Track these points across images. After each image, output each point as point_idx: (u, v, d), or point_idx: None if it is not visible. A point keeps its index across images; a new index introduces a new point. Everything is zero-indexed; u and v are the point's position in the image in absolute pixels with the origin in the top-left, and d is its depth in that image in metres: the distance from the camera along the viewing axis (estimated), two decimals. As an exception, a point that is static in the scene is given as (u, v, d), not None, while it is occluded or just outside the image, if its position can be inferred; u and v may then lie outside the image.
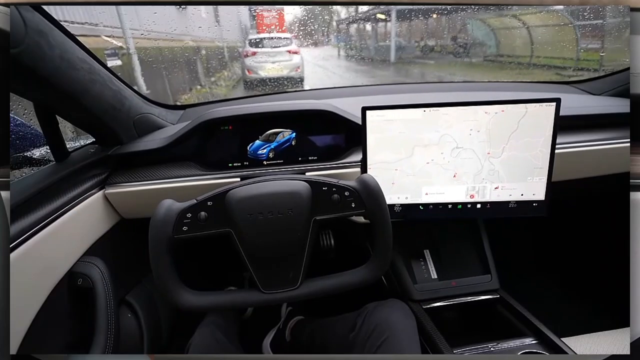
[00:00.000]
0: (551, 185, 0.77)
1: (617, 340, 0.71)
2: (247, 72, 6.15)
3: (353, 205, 0.60)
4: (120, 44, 4.04)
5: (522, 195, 0.79)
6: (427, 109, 0.75)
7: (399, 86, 1.27)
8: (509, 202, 0.79)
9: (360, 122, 0.77)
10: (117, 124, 0.80)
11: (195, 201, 0.59)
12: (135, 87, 0.91)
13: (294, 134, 0.86)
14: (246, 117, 0.82)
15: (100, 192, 0.78)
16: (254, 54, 6.16)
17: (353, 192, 0.60)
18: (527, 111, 0.73)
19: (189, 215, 0.57)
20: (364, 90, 1.26)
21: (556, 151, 0.75)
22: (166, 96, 4.99)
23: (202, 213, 0.58)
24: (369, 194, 0.60)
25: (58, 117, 0.73)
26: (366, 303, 0.80)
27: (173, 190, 0.81)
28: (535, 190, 0.78)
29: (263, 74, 6.16)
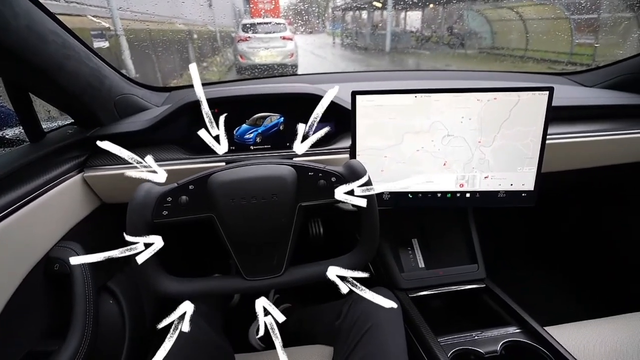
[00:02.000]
0: (541, 176, 0.76)
1: (598, 330, 0.72)
2: (239, 58, 6.04)
3: None
4: (107, 25, 3.90)
5: (511, 185, 0.78)
6: (418, 95, 0.73)
7: (391, 73, 1.25)
8: (498, 191, 0.79)
9: (350, 108, 0.75)
10: (96, 104, 0.77)
11: (176, 184, 0.56)
12: (123, 71, 0.87)
13: (282, 118, 0.83)
14: (232, 99, 0.79)
15: (79, 175, 0.75)
16: (247, 39, 6.04)
17: (340, 178, 0.58)
18: (520, 99, 0.72)
19: (169, 199, 0.55)
20: (356, 76, 1.24)
21: (547, 142, 0.74)
22: (156, 81, 4.87)
23: (183, 197, 0.56)
24: (356, 180, 0.58)
25: (33, 96, 0.69)
26: (353, 291, 0.79)
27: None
28: (524, 180, 0.77)
29: (256, 60, 6.06)
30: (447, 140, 0.75)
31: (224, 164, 0.79)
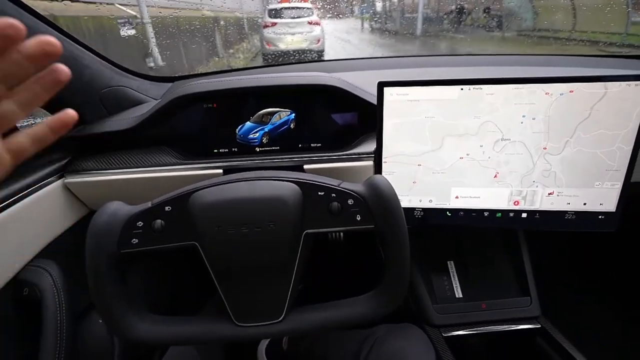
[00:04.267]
0: (627, 193, 0.58)
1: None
2: (265, 45, 5.94)
3: (358, 218, 0.45)
4: (134, 13, 3.88)
5: (584, 204, 0.60)
6: (465, 87, 0.56)
7: (426, 58, 1.06)
8: (565, 212, 0.61)
9: (375, 102, 0.59)
10: (75, 98, 0.66)
11: (150, 205, 0.44)
12: (150, 63, 0.75)
13: (293, 114, 0.69)
14: (233, 92, 0.66)
15: (59, 182, 0.66)
16: (274, 24, 5.93)
17: (359, 200, 0.44)
18: (607, 93, 0.53)
19: (139, 223, 0.44)
20: (386, 62, 1.06)
21: None
22: (182, 68, 4.87)
23: (158, 221, 0.44)
24: (381, 205, 0.44)
25: None
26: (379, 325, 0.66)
27: (146, 181, 0.67)
28: (603, 198, 0.59)
29: (282, 46, 5.95)
30: (501, 146, 0.58)
31: (221, 171, 0.66)
